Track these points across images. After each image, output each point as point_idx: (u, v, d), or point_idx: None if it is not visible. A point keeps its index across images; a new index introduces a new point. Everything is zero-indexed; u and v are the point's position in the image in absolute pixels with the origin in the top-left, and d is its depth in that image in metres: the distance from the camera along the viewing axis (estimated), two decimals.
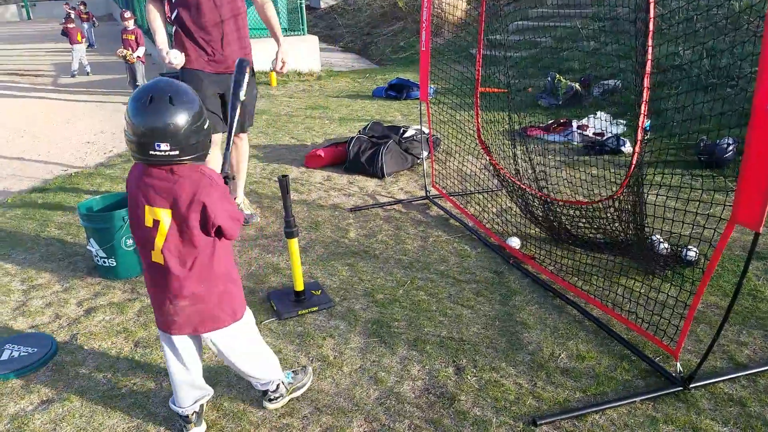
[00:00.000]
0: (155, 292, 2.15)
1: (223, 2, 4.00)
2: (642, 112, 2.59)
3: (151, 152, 1.90)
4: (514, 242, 3.92)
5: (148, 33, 13.87)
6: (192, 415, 2.37)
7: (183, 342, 2.24)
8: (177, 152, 1.91)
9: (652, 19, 2.55)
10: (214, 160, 3.82)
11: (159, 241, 2.03)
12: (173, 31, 4.13)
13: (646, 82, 2.59)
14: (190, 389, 2.34)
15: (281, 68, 4.14)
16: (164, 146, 1.89)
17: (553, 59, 9.04)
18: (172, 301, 2.11)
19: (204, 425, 2.43)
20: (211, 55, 4.06)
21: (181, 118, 1.89)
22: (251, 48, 4.31)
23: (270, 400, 2.52)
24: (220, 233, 2.08)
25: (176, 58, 3.89)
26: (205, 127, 2.00)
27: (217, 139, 4.14)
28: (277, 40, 4.23)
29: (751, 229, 2.13)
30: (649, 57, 2.56)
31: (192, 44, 4.03)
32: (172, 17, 4.05)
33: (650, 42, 2.57)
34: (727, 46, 5.90)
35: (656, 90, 5.56)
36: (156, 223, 2.01)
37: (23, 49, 16.68)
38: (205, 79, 4.05)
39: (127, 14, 9.58)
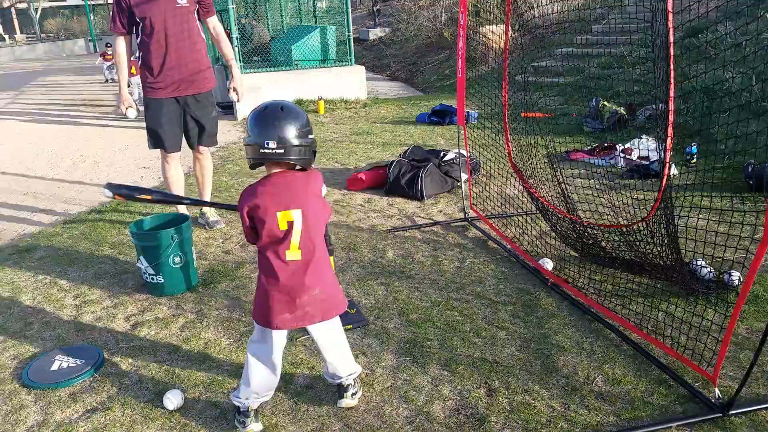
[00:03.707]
0: (289, 289, 2.33)
1: (177, 31, 4.35)
2: (669, 134, 2.58)
3: (261, 150, 2.22)
4: (548, 264, 3.88)
5: None
6: (252, 411, 2.53)
7: (281, 338, 2.47)
8: (282, 151, 2.22)
9: (671, 45, 2.56)
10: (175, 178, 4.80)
11: (295, 239, 2.30)
12: (139, 58, 4.50)
13: (671, 105, 2.57)
14: (266, 389, 2.54)
15: (236, 97, 4.61)
16: (272, 144, 2.20)
17: (598, 85, 8.96)
18: (307, 291, 2.35)
19: (261, 425, 2.56)
20: (170, 80, 4.45)
21: (290, 124, 2.23)
22: (211, 69, 4.68)
23: (353, 395, 2.65)
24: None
25: (132, 113, 4.65)
26: (310, 139, 2.31)
27: (176, 155, 4.77)
28: (231, 70, 4.67)
29: None
30: (672, 82, 2.55)
31: (149, 72, 4.45)
32: (137, 47, 4.46)
33: (672, 66, 2.57)
34: None
35: (706, 117, 5.47)
36: (290, 224, 2.28)
37: (88, 81, 17.55)
38: (165, 104, 4.53)
39: None
